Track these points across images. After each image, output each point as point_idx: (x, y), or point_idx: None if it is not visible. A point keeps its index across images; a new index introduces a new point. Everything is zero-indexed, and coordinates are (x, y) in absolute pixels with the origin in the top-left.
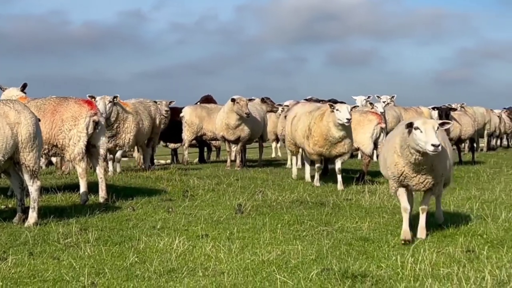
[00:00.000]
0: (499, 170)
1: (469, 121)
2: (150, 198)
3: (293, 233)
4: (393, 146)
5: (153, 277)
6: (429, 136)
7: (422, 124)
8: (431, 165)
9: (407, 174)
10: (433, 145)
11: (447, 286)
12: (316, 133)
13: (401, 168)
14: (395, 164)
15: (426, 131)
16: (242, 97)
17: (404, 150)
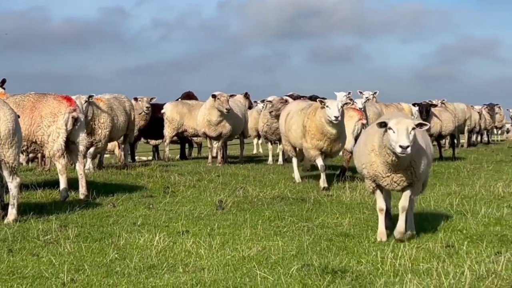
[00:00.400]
0: (479, 166)
1: (449, 117)
2: (131, 195)
3: (273, 229)
4: (371, 145)
5: (133, 273)
6: (399, 136)
7: (395, 124)
8: (409, 166)
9: (380, 173)
10: (401, 147)
11: (427, 281)
12: (312, 128)
13: (375, 168)
14: (371, 163)
15: (398, 131)
16: (223, 93)
17: (382, 150)
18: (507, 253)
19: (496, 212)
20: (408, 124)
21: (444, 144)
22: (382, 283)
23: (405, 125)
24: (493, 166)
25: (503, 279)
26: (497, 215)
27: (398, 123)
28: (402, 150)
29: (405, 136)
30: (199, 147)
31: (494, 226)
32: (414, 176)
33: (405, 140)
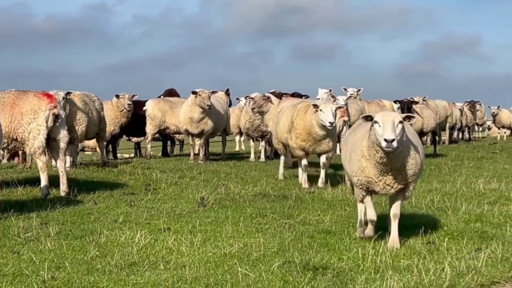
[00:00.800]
0: (460, 163)
1: (431, 114)
2: (112, 192)
3: (255, 226)
4: (360, 150)
5: (114, 270)
6: (385, 129)
7: (381, 117)
8: (402, 167)
9: (372, 178)
10: (386, 140)
11: (407, 277)
12: (299, 126)
13: (367, 173)
14: (362, 169)
15: (384, 124)
16: (204, 90)
17: (371, 151)
18: (487, 250)
19: (477, 209)
20: (394, 118)
21: (425, 141)
22: (363, 279)
23: (391, 118)
24: (474, 163)
25: (483, 275)
26: (478, 212)
27: (384, 116)
28: (387, 144)
29: (391, 129)
30: (181, 144)
31: (474, 223)
32: (409, 177)
33: (390, 133)
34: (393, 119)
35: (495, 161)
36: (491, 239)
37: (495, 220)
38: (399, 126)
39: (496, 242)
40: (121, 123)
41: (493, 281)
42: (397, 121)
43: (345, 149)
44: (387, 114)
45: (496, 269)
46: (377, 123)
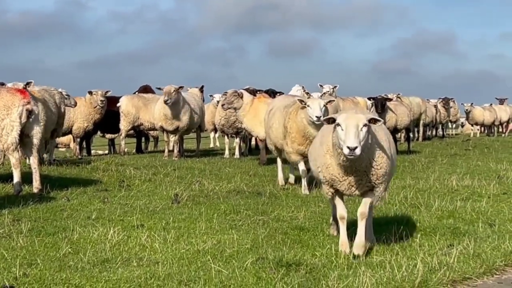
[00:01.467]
0: (433, 160)
1: (405, 111)
2: (86, 189)
3: (229, 223)
4: (326, 145)
5: (86, 267)
6: (347, 135)
7: (344, 120)
8: (368, 167)
9: (336, 177)
10: (348, 148)
11: (380, 273)
12: (293, 129)
13: (331, 171)
14: (327, 166)
15: (347, 129)
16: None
17: (334, 150)
18: (459, 246)
19: (449, 205)
20: (358, 121)
21: (399, 138)
22: (336, 275)
23: (355, 121)
24: (447, 159)
25: (455, 271)
26: (450, 208)
27: (347, 119)
28: (349, 152)
29: (353, 135)
30: (156, 140)
31: (447, 219)
32: (376, 179)
33: (353, 140)
34: (357, 122)
35: (468, 158)
36: (463, 235)
37: (468, 216)
38: (364, 129)
39: (468, 238)
40: (94, 119)
41: (465, 277)
42: (362, 124)
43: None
44: (351, 117)
45: (468, 265)
46: (340, 126)
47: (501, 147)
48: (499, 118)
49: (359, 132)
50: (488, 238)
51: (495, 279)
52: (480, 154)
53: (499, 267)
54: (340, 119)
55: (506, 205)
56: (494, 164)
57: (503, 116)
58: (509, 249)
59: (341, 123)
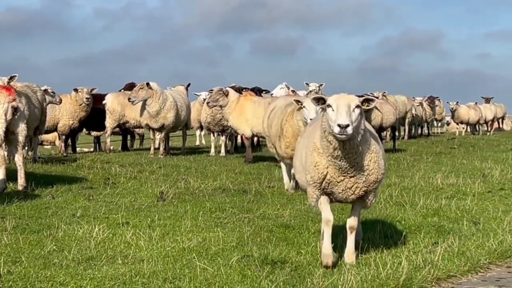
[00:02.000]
0: (419, 158)
1: (390, 109)
2: (71, 186)
3: (214, 220)
4: (312, 143)
5: (71, 265)
6: (338, 113)
7: (335, 100)
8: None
9: (332, 177)
10: (339, 126)
11: (365, 271)
12: (288, 133)
13: (323, 170)
14: (316, 165)
15: (338, 108)
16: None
17: (323, 141)
18: (444, 244)
19: (434, 203)
20: (350, 101)
21: (385, 136)
22: (321, 273)
23: (346, 101)
24: (432, 158)
25: (440, 269)
26: (435, 206)
27: (339, 99)
28: (340, 130)
29: (345, 113)
30: (141, 138)
31: (432, 217)
32: (370, 181)
33: (344, 117)
34: (349, 102)
35: (453, 156)
36: (448, 233)
37: (452, 214)
38: (356, 111)
39: (453, 236)
40: (79, 117)
41: (449, 274)
42: (354, 105)
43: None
44: (342, 96)
45: (453, 263)
46: (331, 107)
47: (486, 146)
48: (484, 117)
49: (351, 112)
50: (472, 236)
51: (480, 277)
52: (465, 153)
53: (483, 265)
54: (330, 99)
55: (491, 203)
56: (479, 163)
57: (488, 115)
58: (494, 247)
59: (332, 103)
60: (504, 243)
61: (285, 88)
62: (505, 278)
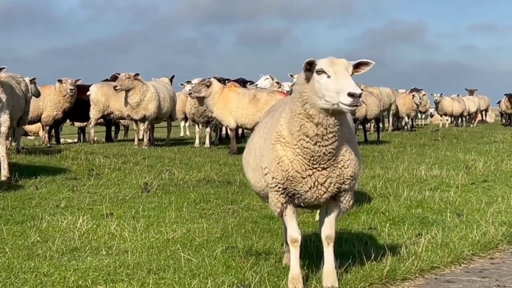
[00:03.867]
0: (403, 150)
1: (374, 101)
2: (55, 177)
3: (199, 212)
4: (275, 133)
5: (55, 256)
6: (343, 81)
7: (330, 65)
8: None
9: (297, 172)
10: (350, 95)
11: (348, 263)
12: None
13: (288, 166)
14: (279, 161)
15: (337, 74)
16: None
17: (295, 120)
18: (427, 235)
19: (418, 195)
20: (347, 65)
21: (369, 128)
22: (305, 264)
23: (343, 65)
24: (416, 149)
25: (423, 260)
26: (419, 198)
27: (334, 64)
28: (353, 100)
29: (350, 78)
30: (126, 129)
31: (415, 209)
32: (346, 176)
33: (354, 84)
34: (346, 67)
35: (437, 148)
36: (431, 224)
37: (436, 206)
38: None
39: (437, 228)
40: (63, 108)
41: (433, 266)
42: (350, 70)
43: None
44: (337, 61)
45: (436, 254)
46: (324, 73)
47: (469, 138)
48: (467, 109)
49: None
50: (456, 228)
51: (463, 268)
52: (449, 145)
53: (466, 256)
54: (323, 64)
55: (474, 195)
56: (462, 155)
57: (472, 107)
58: (477, 239)
59: (326, 68)
60: (487, 234)
61: (270, 79)
62: (488, 269)
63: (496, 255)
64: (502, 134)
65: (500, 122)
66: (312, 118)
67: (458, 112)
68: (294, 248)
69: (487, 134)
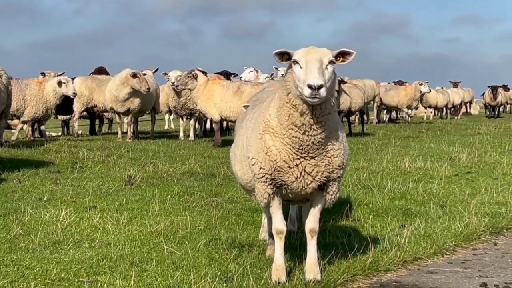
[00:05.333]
0: (387, 142)
1: (359, 93)
2: (38, 170)
3: (182, 204)
4: (262, 122)
5: (37, 249)
6: (308, 71)
7: (303, 55)
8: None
9: (284, 162)
10: (309, 87)
11: (332, 254)
12: None
13: (276, 154)
14: (267, 151)
15: (307, 65)
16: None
17: (284, 109)
18: (410, 226)
19: (402, 187)
20: (322, 55)
21: (353, 120)
22: (288, 256)
23: (317, 55)
24: (400, 142)
25: (406, 252)
26: (403, 190)
27: (308, 54)
28: (311, 92)
29: (317, 70)
30: (110, 122)
31: (399, 200)
32: (334, 165)
33: (316, 76)
34: (321, 57)
35: (421, 140)
36: (414, 216)
37: (419, 197)
38: (329, 68)
39: (420, 219)
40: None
41: (416, 257)
42: (327, 60)
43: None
44: (312, 50)
45: (419, 245)
46: (298, 63)
47: (453, 130)
48: (452, 101)
49: (324, 70)
50: (439, 219)
51: (445, 259)
52: (433, 137)
53: (449, 247)
54: (297, 54)
55: (457, 186)
56: (446, 146)
57: (456, 99)
58: (460, 230)
59: (299, 59)
60: (470, 225)
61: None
62: (470, 260)
63: (478, 246)
64: (486, 126)
65: (484, 114)
66: (296, 108)
67: (442, 104)
68: (279, 239)
69: (471, 126)
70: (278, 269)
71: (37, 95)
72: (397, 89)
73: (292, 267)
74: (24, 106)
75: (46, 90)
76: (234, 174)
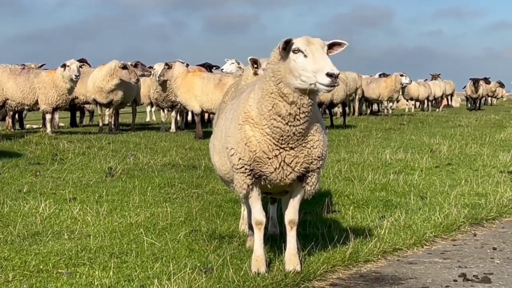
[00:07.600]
0: (368, 134)
1: (341, 86)
2: (17, 161)
3: (163, 196)
4: (242, 113)
5: (16, 240)
6: (320, 60)
7: (307, 44)
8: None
9: (263, 153)
10: (329, 75)
11: (312, 245)
12: None
13: (256, 145)
14: (247, 141)
15: (314, 54)
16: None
17: (267, 100)
18: (391, 217)
19: (383, 178)
20: (322, 45)
21: (335, 112)
22: (268, 247)
23: (319, 44)
24: (381, 134)
25: (386, 242)
26: (383, 181)
27: (311, 43)
28: (331, 80)
29: (327, 58)
30: (91, 114)
31: (380, 192)
32: (314, 156)
33: (332, 64)
34: (322, 46)
35: (402, 132)
36: (395, 207)
37: (400, 189)
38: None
39: (400, 210)
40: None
41: (395, 248)
42: (326, 49)
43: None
44: (312, 40)
45: (399, 236)
46: (300, 52)
47: (434, 122)
48: (433, 94)
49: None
50: (419, 210)
51: (425, 249)
52: (414, 129)
53: (429, 238)
54: (300, 43)
55: (438, 178)
56: (427, 138)
57: (437, 92)
58: (439, 221)
59: (302, 47)
60: (449, 216)
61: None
62: (450, 251)
63: (458, 237)
64: (467, 118)
65: (466, 107)
66: (286, 97)
67: (424, 96)
68: (259, 230)
69: (452, 118)
70: (258, 260)
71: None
72: (378, 81)
73: (272, 258)
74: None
75: (56, 76)
76: (213, 165)
